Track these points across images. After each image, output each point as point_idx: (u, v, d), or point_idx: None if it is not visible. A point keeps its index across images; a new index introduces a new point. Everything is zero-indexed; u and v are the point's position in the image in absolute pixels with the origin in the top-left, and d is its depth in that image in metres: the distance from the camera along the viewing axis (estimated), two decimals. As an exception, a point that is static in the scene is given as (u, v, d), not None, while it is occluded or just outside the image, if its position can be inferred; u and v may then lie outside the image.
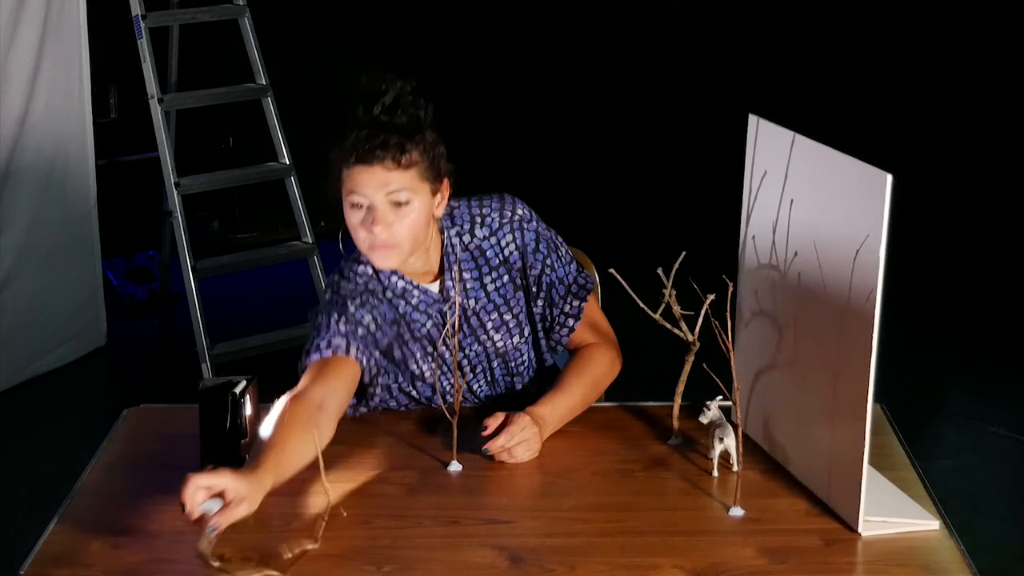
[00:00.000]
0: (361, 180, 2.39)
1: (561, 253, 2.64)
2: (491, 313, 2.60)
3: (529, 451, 2.40)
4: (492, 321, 2.60)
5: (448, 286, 2.55)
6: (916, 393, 4.56)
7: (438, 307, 2.55)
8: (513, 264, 2.60)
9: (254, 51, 4.89)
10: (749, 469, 2.34)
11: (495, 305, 2.60)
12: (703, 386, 2.40)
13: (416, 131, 2.40)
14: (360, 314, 2.47)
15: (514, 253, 2.60)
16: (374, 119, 2.39)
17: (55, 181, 4.82)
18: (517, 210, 2.62)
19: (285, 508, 2.24)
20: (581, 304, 2.62)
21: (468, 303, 2.58)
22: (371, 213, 2.40)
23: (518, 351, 2.64)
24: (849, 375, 2.11)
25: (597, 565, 2.06)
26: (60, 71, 4.78)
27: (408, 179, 2.40)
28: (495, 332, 2.61)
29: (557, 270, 2.62)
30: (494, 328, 2.60)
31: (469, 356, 2.61)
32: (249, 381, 2.26)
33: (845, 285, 2.10)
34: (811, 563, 2.09)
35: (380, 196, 2.39)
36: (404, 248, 2.44)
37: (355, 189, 2.40)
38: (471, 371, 2.62)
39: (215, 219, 6.23)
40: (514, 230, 2.60)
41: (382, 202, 2.39)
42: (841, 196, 2.12)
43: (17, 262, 4.71)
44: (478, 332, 2.60)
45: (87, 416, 4.59)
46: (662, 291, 2.33)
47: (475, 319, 2.59)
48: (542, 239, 2.61)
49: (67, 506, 2.26)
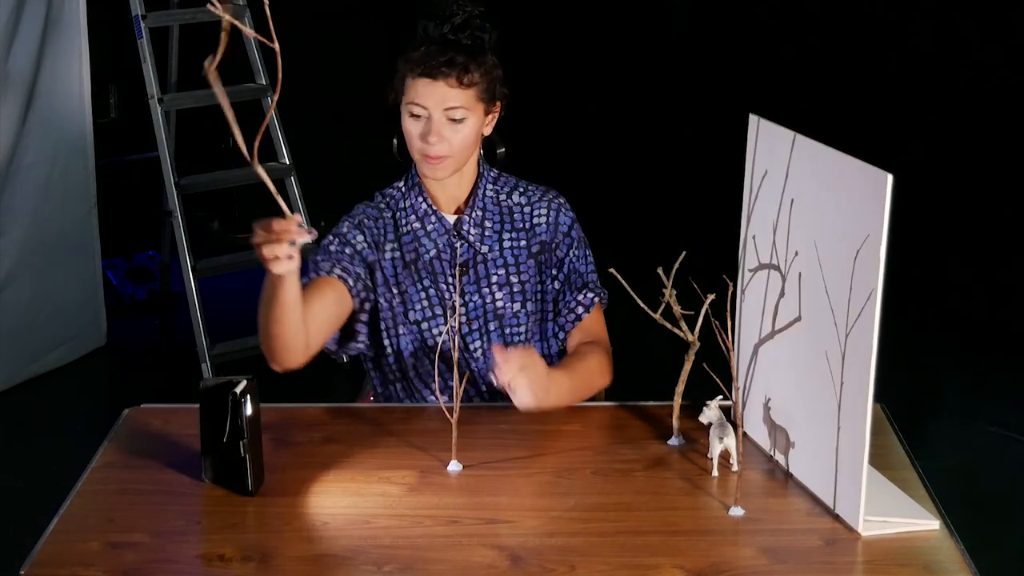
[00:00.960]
0: (424, 92, 2.54)
1: (588, 254, 2.73)
2: (499, 268, 2.66)
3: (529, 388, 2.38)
4: (497, 276, 2.66)
5: (464, 220, 2.65)
6: (916, 393, 4.57)
7: (448, 238, 2.65)
8: (538, 234, 2.69)
9: (254, 51, 4.89)
10: (749, 469, 2.34)
11: (505, 262, 2.66)
12: (703, 386, 2.40)
13: (480, 53, 2.57)
14: (352, 234, 2.64)
15: (542, 225, 2.69)
16: (443, 36, 2.55)
17: (55, 181, 4.82)
18: (560, 199, 2.74)
19: (285, 508, 2.24)
20: (595, 299, 2.69)
21: (481, 247, 2.65)
22: (428, 124, 2.55)
23: (516, 319, 2.67)
24: (849, 375, 2.11)
25: (597, 565, 2.06)
26: (60, 71, 4.78)
27: (466, 98, 2.56)
28: (498, 289, 2.66)
29: (581, 261, 2.71)
30: (497, 285, 2.66)
31: (468, 307, 2.66)
32: (249, 381, 2.25)
33: (845, 285, 2.09)
34: (811, 563, 2.09)
35: (439, 110, 2.54)
36: (455, 159, 2.59)
37: (416, 100, 2.55)
38: (467, 325, 2.67)
39: (215, 219, 6.23)
40: (552, 209, 2.71)
41: (439, 116, 2.54)
42: (841, 196, 2.12)
43: (17, 262, 4.71)
44: (481, 282, 2.66)
45: (87, 416, 4.59)
46: (662, 291, 2.33)
47: (482, 267, 2.66)
48: (576, 231, 2.72)
49: (67, 506, 2.26)
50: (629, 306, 2.38)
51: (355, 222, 2.68)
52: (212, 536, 2.17)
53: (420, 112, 2.56)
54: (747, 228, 2.40)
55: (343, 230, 2.67)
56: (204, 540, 2.16)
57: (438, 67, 2.53)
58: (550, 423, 2.55)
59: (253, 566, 2.07)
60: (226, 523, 2.19)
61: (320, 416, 2.38)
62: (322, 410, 2.50)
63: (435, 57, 2.53)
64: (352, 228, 2.66)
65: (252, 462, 2.25)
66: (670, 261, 2.34)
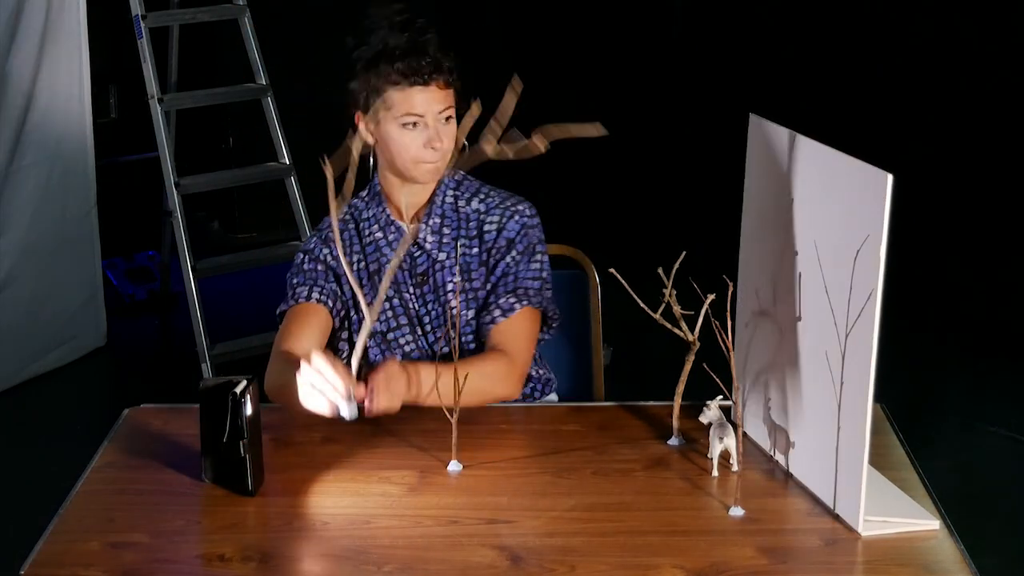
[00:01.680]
0: (419, 100, 2.54)
1: (535, 264, 2.66)
2: (455, 276, 2.64)
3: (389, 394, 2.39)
4: (453, 284, 2.64)
5: (421, 228, 2.64)
6: (916, 393, 4.56)
7: (406, 247, 2.64)
8: (487, 242, 2.65)
9: (254, 51, 4.89)
10: (749, 469, 2.34)
11: (460, 269, 2.65)
12: (703, 386, 2.40)
13: (448, 54, 2.57)
14: (319, 249, 2.67)
15: (491, 232, 2.66)
16: (414, 42, 2.54)
17: (55, 181, 4.82)
18: (520, 206, 2.68)
19: (285, 508, 2.24)
20: (516, 305, 2.62)
21: (439, 255, 2.64)
22: (426, 132, 2.55)
23: (469, 326, 2.66)
24: (849, 375, 2.11)
25: (597, 565, 2.06)
26: (60, 71, 4.78)
27: (453, 97, 2.58)
28: (453, 297, 2.64)
29: (521, 268, 2.65)
30: (453, 293, 2.64)
31: (432, 316, 2.67)
32: (249, 381, 2.26)
33: (845, 285, 2.09)
34: (811, 563, 2.09)
35: (433, 115, 2.55)
36: (446, 160, 2.59)
37: (412, 109, 2.54)
38: (432, 332, 2.67)
39: (215, 219, 6.23)
40: (505, 216, 2.67)
41: (435, 120, 2.55)
42: (841, 196, 2.12)
43: (17, 262, 4.71)
44: (439, 290, 2.65)
45: (87, 416, 4.59)
46: (662, 291, 2.33)
47: (440, 276, 2.65)
48: (525, 239, 2.65)
49: (67, 506, 2.26)
50: (629, 306, 2.38)
51: (322, 236, 2.69)
52: (212, 536, 2.17)
53: (415, 120, 2.55)
54: (747, 228, 2.40)
55: (311, 246, 2.69)
56: (204, 540, 2.17)
57: (429, 72, 2.53)
58: (550, 423, 2.56)
59: (253, 566, 2.07)
60: (226, 523, 2.19)
61: (320, 416, 2.38)
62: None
63: (420, 63, 2.53)
64: (320, 243, 2.68)
65: (252, 462, 2.25)
66: (670, 261, 2.34)
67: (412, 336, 2.68)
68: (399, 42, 2.54)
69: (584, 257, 2.98)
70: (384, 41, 2.55)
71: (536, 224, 2.69)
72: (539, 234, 2.69)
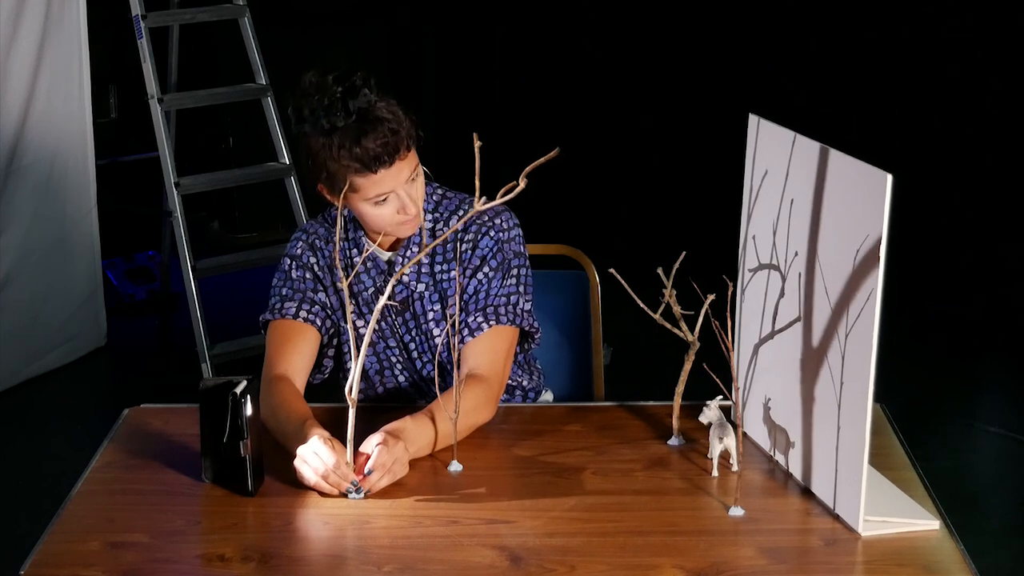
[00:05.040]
0: (386, 180, 2.44)
1: (508, 277, 2.59)
2: (435, 304, 2.61)
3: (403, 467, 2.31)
4: (433, 312, 2.61)
5: (396, 261, 2.59)
6: (916, 393, 4.56)
7: (385, 278, 2.60)
8: (463, 260, 2.60)
9: (254, 51, 4.89)
10: (749, 469, 2.34)
11: (440, 295, 2.61)
12: (703, 386, 2.40)
13: (398, 114, 2.45)
14: (307, 256, 2.62)
15: (466, 252, 2.60)
16: (364, 121, 2.41)
17: (55, 181, 4.82)
18: (497, 220, 2.61)
19: (285, 508, 2.24)
20: (484, 324, 2.55)
21: (416, 286, 2.61)
22: (398, 200, 2.47)
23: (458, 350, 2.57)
24: (849, 375, 2.11)
25: (597, 565, 2.06)
26: (60, 71, 4.78)
27: (415, 157, 2.49)
28: (435, 325, 2.61)
29: (494, 285, 2.58)
30: (434, 321, 2.61)
31: (416, 342, 2.63)
32: (249, 381, 2.26)
33: (845, 285, 2.09)
34: (811, 563, 2.09)
35: (401, 184, 2.46)
36: (421, 208, 2.52)
37: (381, 191, 2.46)
38: (419, 358, 2.64)
39: (215, 219, 6.23)
40: (479, 234, 2.59)
41: (404, 187, 2.47)
42: (841, 196, 2.12)
43: (17, 262, 4.71)
44: (420, 319, 2.62)
45: (87, 416, 4.59)
46: (662, 291, 2.33)
47: (419, 305, 2.61)
48: (500, 253, 2.59)
49: (67, 506, 2.26)
50: (629, 306, 2.38)
51: (308, 242, 2.63)
52: (212, 536, 2.17)
53: (385, 197, 2.46)
54: (747, 228, 2.40)
55: (297, 251, 2.63)
56: (204, 540, 2.17)
57: (391, 154, 2.41)
58: (550, 423, 2.56)
59: (253, 566, 2.07)
60: (226, 523, 2.19)
61: (320, 416, 2.38)
62: (322, 410, 2.50)
63: (378, 149, 2.40)
64: (306, 249, 2.63)
65: (252, 462, 2.25)
66: (670, 261, 2.34)
67: (400, 359, 2.66)
68: (348, 124, 2.40)
69: (584, 257, 2.98)
70: (331, 123, 2.41)
71: (514, 236, 2.61)
72: (516, 247, 2.61)
